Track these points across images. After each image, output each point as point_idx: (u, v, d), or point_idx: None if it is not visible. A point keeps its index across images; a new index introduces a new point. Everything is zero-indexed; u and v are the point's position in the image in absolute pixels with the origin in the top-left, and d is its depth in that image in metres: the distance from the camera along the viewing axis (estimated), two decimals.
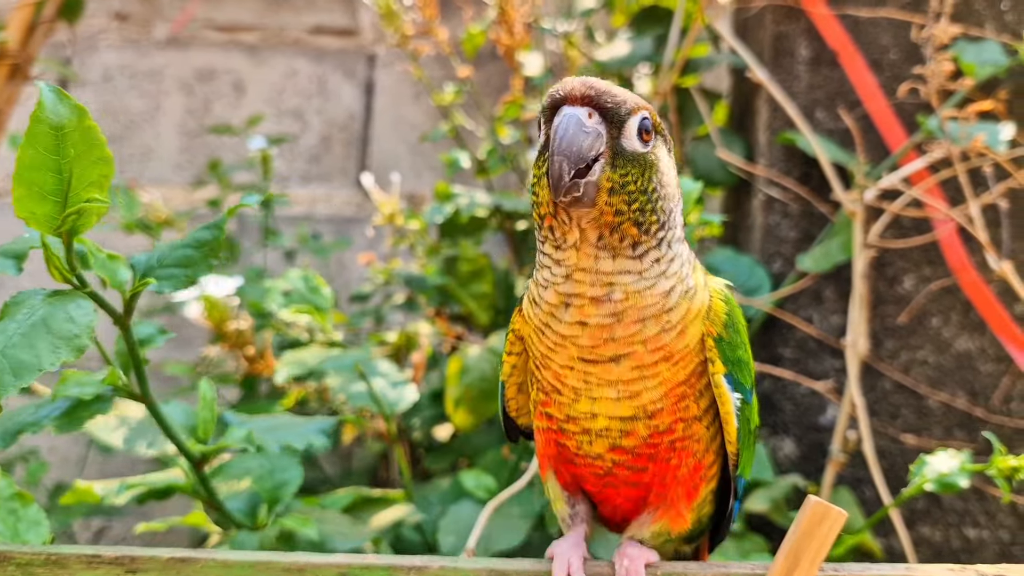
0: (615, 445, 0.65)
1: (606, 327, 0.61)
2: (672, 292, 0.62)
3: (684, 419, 0.64)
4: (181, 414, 0.95)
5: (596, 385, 0.63)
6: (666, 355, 0.62)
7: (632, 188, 0.59)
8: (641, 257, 0.61)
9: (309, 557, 0.61)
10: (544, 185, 0.59)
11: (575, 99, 0.59)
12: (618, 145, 0.59)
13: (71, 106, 0.58)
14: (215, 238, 0.71)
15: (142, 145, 2.37)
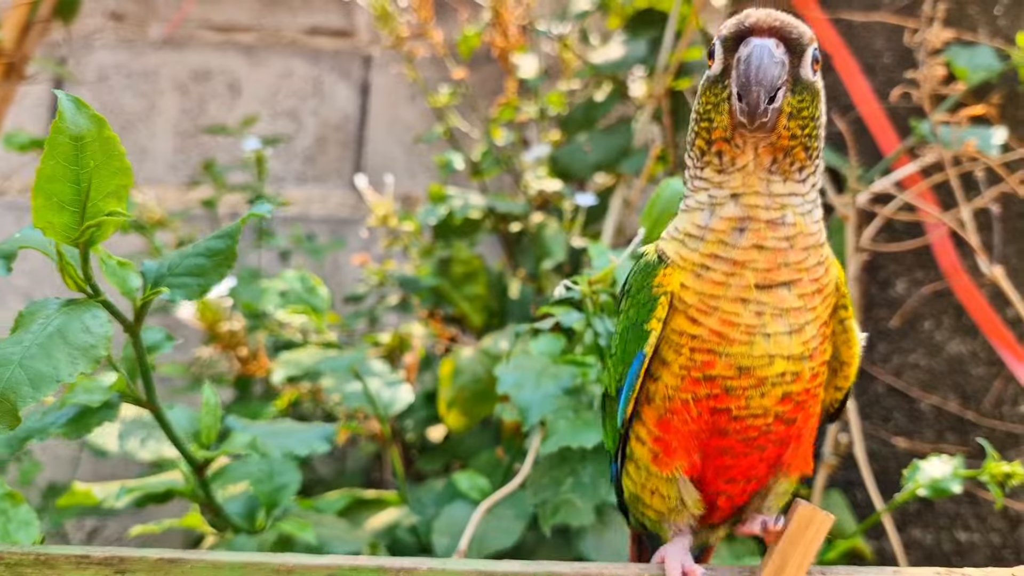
0: (786, 393, 0.65)
1: (781, 251, 0.63)
2: (821, 223, 0.66)
3: (825, 361, 0.67)
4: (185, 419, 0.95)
5: (770, 316, 0.64)
6: (819, 288, 0.65)
7: (805, 114, 0.63)
8: (805, 181, 0.64)
9: (298, 558, 0.61)
10: (723, 111, 0.63)
11: (762, 30, 0.62)
12: (797, 73, 0.63)
13: (90, 116, 0.58)
14: (228, 247, 0.70)
15: (137, 145, 2.37)
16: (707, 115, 0.65)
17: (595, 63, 1.59)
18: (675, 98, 1.61)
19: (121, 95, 2.39)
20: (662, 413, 0.67)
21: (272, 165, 2.32)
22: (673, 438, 0.67)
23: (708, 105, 0.65)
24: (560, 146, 1.64)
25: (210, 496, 0.89)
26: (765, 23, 0.63)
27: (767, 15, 0.63)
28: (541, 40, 1.73)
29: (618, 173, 1.59)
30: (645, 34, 1.63)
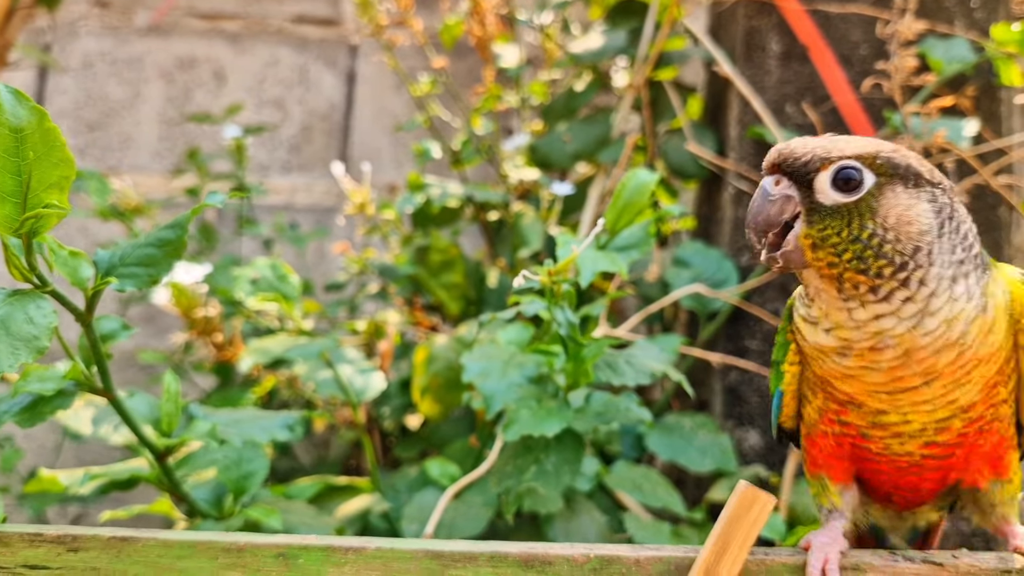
0: (929, 442, 0.65)
1: (897, 367, 0.62)
2: (954, 321, 0.61)
3: (994, 404, 0.65)
4: (145, 406, 0.96)
5: (908, 404, 0.63)
6: (976, 363, 0.63)
7: (836, 240, 0.60)
8: (887, 299, 0.60)
9: (249, 537, 0.62)
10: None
11: (766, 168, 0.63)
12: (813, 201, 0.61)
13: (30, 108, 0.58)
14: (178, 237, 0.71)
15: (121, 133, 2.37)
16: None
17: (575, 53, 1.59)
18: (655, 88, 1.61)
19: (106, 82, 2.39)
20: (809, 432, 0.71)
21: (257, 154, 2.32)
22: (819, 455, 0.70)
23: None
24: (541, 135, 1.64)
25: (174, 482, 0.90)
26: (768, 159, 0.63)
27: (774, 151, 0.63)
28: (523, 29, 1.73)
29: (597, 163, 1.59)
30: (625, 24, 1.63)
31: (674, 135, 1.59)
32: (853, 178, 0.60)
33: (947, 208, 0.62)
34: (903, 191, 0.61)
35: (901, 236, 0.60)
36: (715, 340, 1.43)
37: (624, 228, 0.96)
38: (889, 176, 0.61)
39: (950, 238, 0.62)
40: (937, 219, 0.61)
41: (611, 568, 0.63)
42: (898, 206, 0.60)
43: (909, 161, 0.62)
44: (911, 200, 0.61)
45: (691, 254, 1.42)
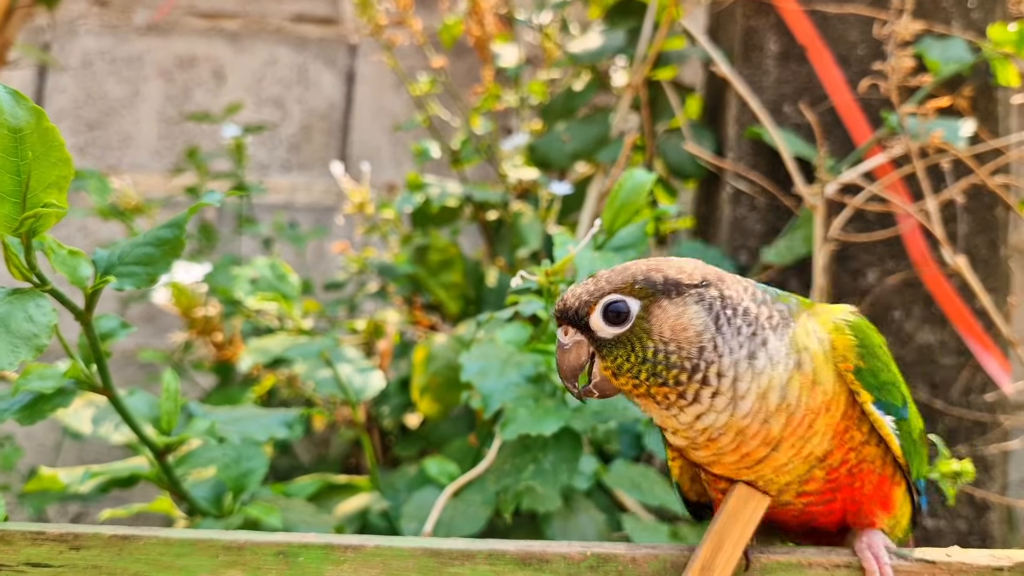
0: (800, 492, 0.67)
1: (740, 445, 0.64)
2: (768, 392, 0.64)
3: (853, 447, 0.67)
4: (145, 405, 0.96)
5: (769, 470, 0.66)
6: (812, 415, 0.65)
7: (628, 365, 0.65)
8: (697, 399, 0.64)
9: (249, 535, 0.63)
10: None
11: (556, 322, 0.69)
12: (597, 339, 0.66)
13: (29, 108, 0.59)
14: (176, 236, 0.72)
15: (121, 131, 2.38)
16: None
17: (574, 52, 1.60)
18: (653, 88, 1.61)
19: (105, 81, 2.39)
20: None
21: (257, 153, 2.33)
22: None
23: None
24: (540, 135, 1.65)
25: (174, 481, 0.90)
26: (554, 313, 0.69)
27: (556, 304, 0.68)
28: (522, 29, 1.73)
29: (596, 162, 1.59)
30: (624, 24, 1.64)
31: (673, 135, 1.59)
32: (620, 311, 0.65)
33: (717, 300, 0.65)
34: (669, 304, 0.65)
35: (682, 343, 0.64)
36: None
37: (621, 228, 0.96)
38: (651, 296, 0.65)
39: (731, 323, 0.65)
40: (710, 315, 0.65)
41: (608, 566, 0.64)
42: (669, 319, 0.64)
43: (665, 274, 0.66)
44: (678, 309, 0.65)
45: (690, 253, 1.41)
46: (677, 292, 0.65)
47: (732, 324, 0.64)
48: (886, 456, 0.69)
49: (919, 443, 0.72)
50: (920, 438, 0.73)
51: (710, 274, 0.67)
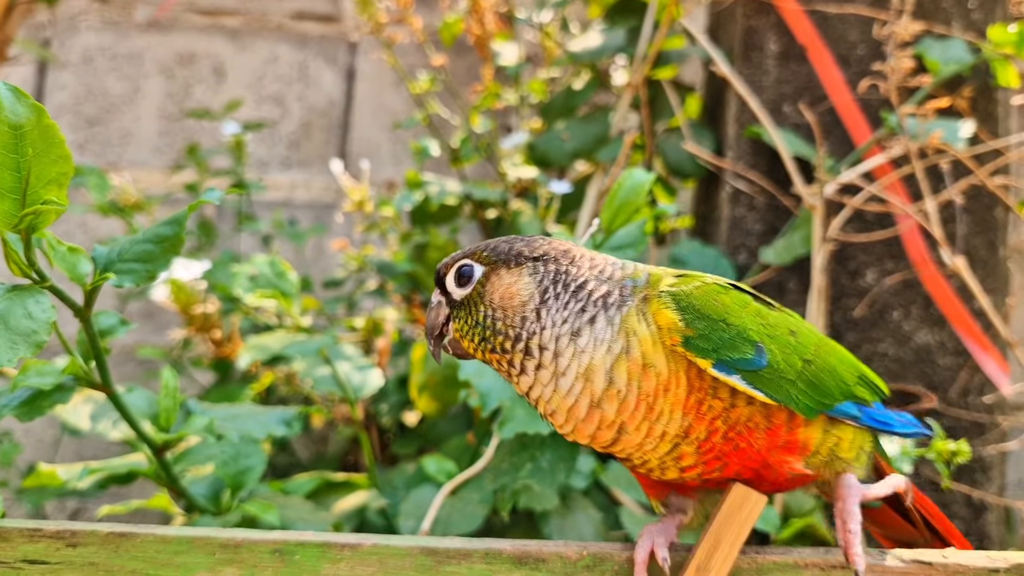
0: (682, 468, 0.67)
1: (582, 427, 0.66)
2: (592, 374, 0.65)
3: (717, 416, 0.65)
4: (144, 402, 0.96)
5: (632, 450, 0.67)
6: (651, 399, 0.65)
7: (466, 327, 0.69)
8: (524, 371, 0.67)
9: (246, 533, 0.63)
10: None
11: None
12: (451, 301, 0.71)
13: (29, 105, 0.59)
14: (175, 234, 0.72)
15: (121, 128, 2.37)
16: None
17: (574, 51, 1.60)
18: (653, 87, 1.61)
19: (106, 78, 2.39)
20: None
21: (257, 150, 2.33)
22: (638, 480, 0.75)
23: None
24: (540, 134, 1.65)
25: (172, 477, 0.90)
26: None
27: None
28: (522, 27, 1.73)
29: (595, 161, 1.59)
30: (624, 23, 1.63)
31: (672, 134, 1.59)
32: (465, 274, 0.70)
33: (551, 274, 0.68)
34: (505, 272, 0.69)
35: (508, 311, 0.67)
36: None
37: (620, 227, 0.97)
38: (494, 263, 0.69)
39: (559, 298, 0.67)
40: (539, 287, 0.68)
41: (604, 565, 0.64)
42: (501, 286, 0.68)
43: (512, 246, 0.70)
44: (512, 279, 0.68)
45: (688, 253, 1.43)
46: (516, 263, 0.69)
47: (560, 299, 0.67)
48: (769, 407, 0.66)
49: (807, 374, 0.68)
50: (808, 362, 0.69)
51: (557, 250, 0.70)
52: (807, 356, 0.69)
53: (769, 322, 0.69)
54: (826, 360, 0.70)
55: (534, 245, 0.70)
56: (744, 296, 0.70)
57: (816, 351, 0.70)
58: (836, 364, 0.71)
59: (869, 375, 0.75)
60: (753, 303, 0.69)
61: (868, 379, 0.75)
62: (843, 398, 0.70)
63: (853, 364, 0.74)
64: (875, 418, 0.72)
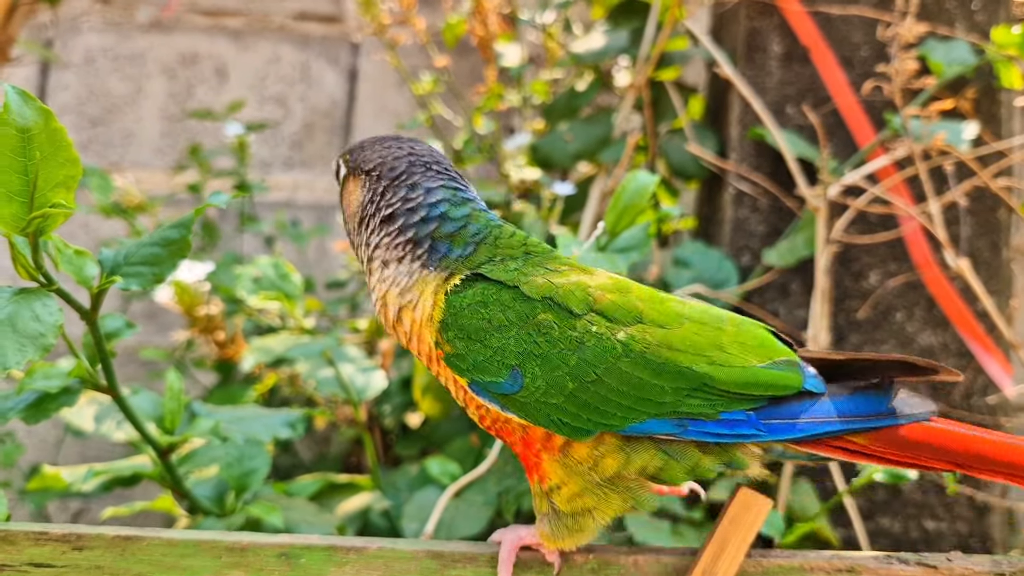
0: (475, 416, 0.70)
1: (393, 336, 0.72)
2: (386, 302, 0.70)
3: (480, 404, 0.67)
4: (149, 404, 0.96)
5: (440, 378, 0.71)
6: (427, 356, 0.69)
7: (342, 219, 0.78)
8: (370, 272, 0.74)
9: (252, 537, 0.63)
10: None
11: None
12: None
13: (37, 108, 0.59)
14: (182, 237, 0.72)
15: (123, 129, 2.37)
16: None
17: (577, 53, 1.59)
18: (656, 88, 1.61)
19: (108, 78, 2.39)
20: None
21: (259, 151, 2.33)
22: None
23: None
24: (543, 135, 1.64)
25: (176, 480, 0.90)
26: None
27: None
28: (525, 28, 1.73)
29: (599, 162, 1.59)
30: (627, 24, 1.63)
31: (675, 135, 1.59)
32: (338, 171, 0.76)
33: (375, 195, 0.72)
34: (352, 180, 0.74)
35: (347, 216, 0.74)
36: None
37: (624, 230, 0.97)
38: (351, 169, 0.74)
39: (375, 221, 0.71)
40: (364, 204, 0.72)
41: (609, 569, 0.64)
42: (347, 192, 0.74)
43: (361, 154, 0.74)
44: (353, 186, 0.74)
45: (691, 254, 1.43)
46: (362, 173, 0.74)
47: (378, 224, 0.71)
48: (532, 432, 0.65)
49: (583, 395, 0.64)
50: (590, 388, 0.64)
51: (385, 166, 0.72)
52: (589, 377, 0.64)
53: (553, 337, 0.64)
54: (627, 377, 0.64)
55: (371, 156, 0.74)
56: (529, 307, 0.66)
57: (608, 370, 0.64)
58: (648, 379, 0.64)
59: (758, 379, 0.65)
60: (543, 314, 0.65)
61: (719, 388, 0.64)
62: (647, 416, 0.63)
63: (695, 376, 0.64)
64: (710, 431, 0.64)
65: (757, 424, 0.63)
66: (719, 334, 0.66)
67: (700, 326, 0.66)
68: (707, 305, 0.70)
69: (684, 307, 0.68)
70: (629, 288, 0.68)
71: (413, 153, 0.73)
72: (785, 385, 0.65)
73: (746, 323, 0.69)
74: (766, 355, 0.66)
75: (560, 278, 0.67)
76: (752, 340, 0.67)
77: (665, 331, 0.65)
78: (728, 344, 0.65)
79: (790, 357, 0.67)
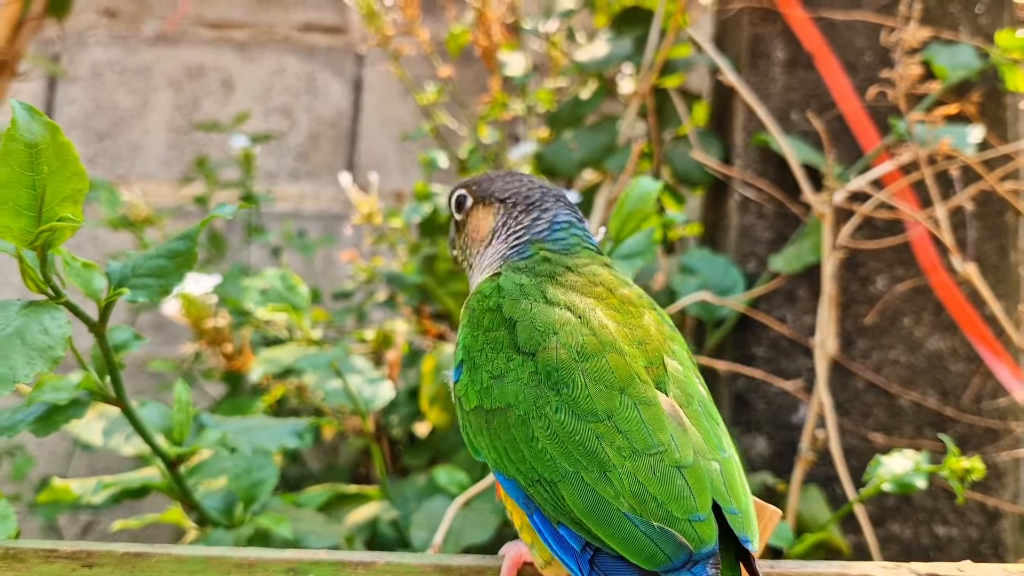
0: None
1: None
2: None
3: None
4: (157, 416, 0.97)
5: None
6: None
7: (458, 243, 0.84)
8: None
9: (260, 552, 0.63)
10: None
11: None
12: (455, 220, 0.84)
13: (44, 124, 0.59)
14: (188, 249, 0.72)
15: (130, 141, 2.39)
16: None
17: (580, 61, 1.60)
18: (660, 95, 1.61)
19: (114, 91, 2.41)
20: None
21: (265, 161, 2.34)
22: None
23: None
24: (547, 143, 1.65)
25: (185, 491, 0.91)
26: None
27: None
28: (529, 37, 1.73)
29: (604, 170, 1.59)
30: (631, 32, 1.64)
31: (680, 142, 1.59)
32: (460, 201, 0.82)
33: (509, 219, 0.78)
34: (482, 208, 0.80)
35: (471, 241, 0.81)
36: (722, 347, 1.43)
37: (628, 236, 0.97)
38: (480, 198, 0.80)
39: (505, 237, 0.78)
40: (496, 228, 0.78)
41: None
42: (477, 220, 0.80)
43: (493, 183, 0.81)
44: (484, 214, 0.79)
45: (697, 261, 1.43)
46: (488, 200, 0.79)
47: (498, 240, 0.78)
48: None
49: (478, 414, 0.62)
50: (482, 411, 0.62)
51: (519, 193, 0.78)
52: (488, 405, 0.62)
53: (488, 354, 0.64)
54: (508, 426, 0.60)
55: (506, 187, 0.79)
56: (495, 318, 0.66)
57: (502, 409, 0.61)
58: (519, 441, 0.59)
59: (612, 524, 0.54)
60: (499, 331, 0.64)
61: (567, 504, 0.56)
62: (510, 472, 0.60)
63: (556, 473, 0.57)
64: (542, 530, 0.58)
65: (583, 565, 0.55)
66: (634, 457, 0.56)
67: (615, 435, 0.57)
68: (676, 424, 0.59)
69: (632, 410, 0.58)
70: (602, 351, 0.61)
71: (543, 186, 0.79)
72: (640, 550, 0.53)
73: (698, 470, 0.56)
74: (671, 511, 0.54)
75: (549, 309, 0.64)
76: (668, 490, 0.55)
77: (575, 419, 0.58)
78: (626, 473, 0.55)
79: (698, 537, 0.53)
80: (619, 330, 0.63)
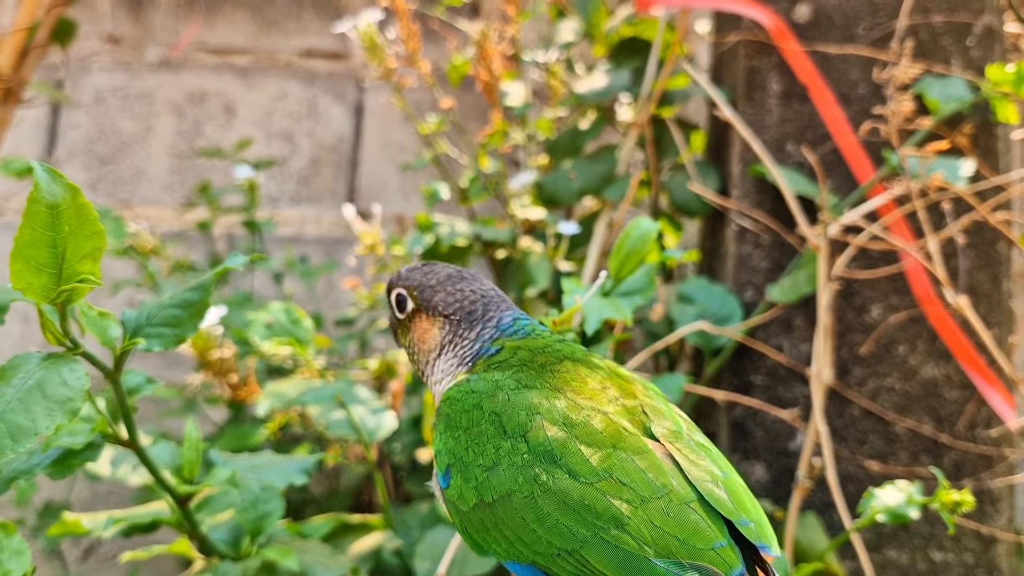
0: None
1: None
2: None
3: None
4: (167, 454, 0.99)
5: None
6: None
7: (403, 341, 0.82)
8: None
9: None
10: None
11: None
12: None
13: (65, 185, 0.61)
14: (202, 299, 0.75)
15: (133, 166, 2.41)
16: None
17: (580, 93, 1.63)
18: (658, 125, 1.64)
19: (117, 117, 2.43)
20: None
21: (267, 186, 2.36)
22: None
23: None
24: (547, 173, 1.67)
25: (194, 526, 0.92)
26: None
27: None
28: (528, 67, 1.76)
29: (603, 199, 1.62)
30: (629, 63, 1.67)
31: (678, 171, 1.62)
32: (400, 302, 0.81)
33: (455, 336, 0.78)
34: (425, 318, 0.79)
35: (419, 349, 0.80)
36: (720, 375, 1.45)
37: (628, 275, 0.99)
38: (420, 305, 0.79)
39: (446, 353, 0.79)
40: (443, 343, 0.78)
41: None
42: (420, 328, 0.79)
43: (435, 294, 0.79)
44: (427, 326, 0.79)
45: (696, 290, 1.45)
46: (433, 313, 0.78)
47: (446, 354, 0.77)
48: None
49: (478, 512, 0.62)
50: (483, 506, 0.62)
51: (463, 310, 0.77)
52: (488, 498, 0.62)
53: (478, 450, 0.64)
54: (513, 512, 0.60)
55: (448, 300, 0.77)
56: (478, 415, 0.66)
57: (503, 499, 0.61)
58: (529, 522, 0.60)
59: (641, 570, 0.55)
60: (482, 425, 0.65)
61: (593, 566, 0.57)
62: (526, 559, 0.60)
63: (572, 540, 0.58)
64: None
65: None
66: (644, 504, 0.57)
67: (620, 489, 0.58)
68: (672, 464, 0.61)
69: (629, 462, 0.60)
70: (587, 417, 0.63)
71: (484, 295, 0.78)
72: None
73: (705, 500, 0.59)
74: (694, 545, 0.56)
75: (527, 392, 0.65)
76: (685, 525, 0.57)
77: (579, 484, 0.59)
78: (642, 521, 0.57)
79: (725, 563, 0.56)
80: (596, 393, 0.66)
